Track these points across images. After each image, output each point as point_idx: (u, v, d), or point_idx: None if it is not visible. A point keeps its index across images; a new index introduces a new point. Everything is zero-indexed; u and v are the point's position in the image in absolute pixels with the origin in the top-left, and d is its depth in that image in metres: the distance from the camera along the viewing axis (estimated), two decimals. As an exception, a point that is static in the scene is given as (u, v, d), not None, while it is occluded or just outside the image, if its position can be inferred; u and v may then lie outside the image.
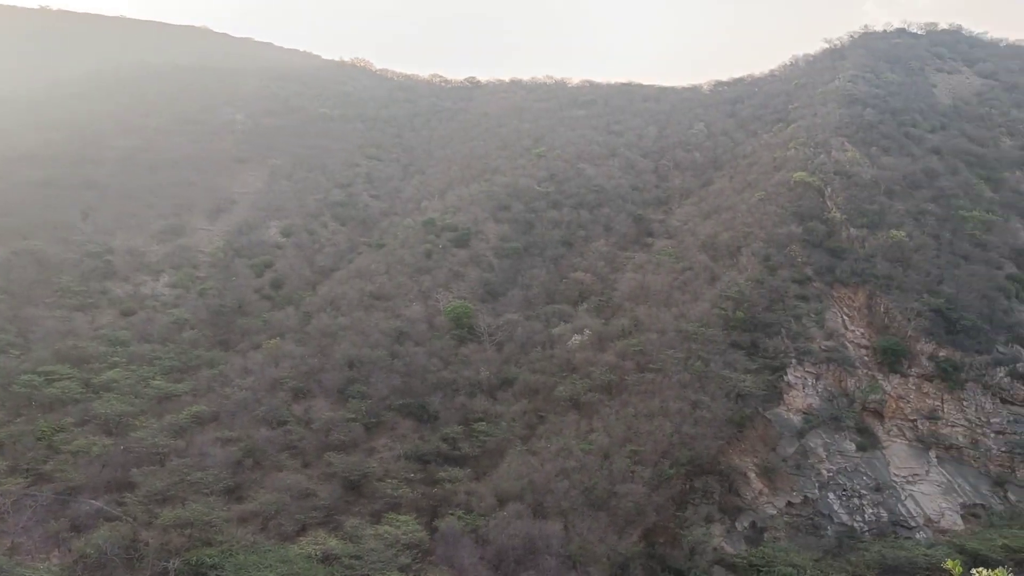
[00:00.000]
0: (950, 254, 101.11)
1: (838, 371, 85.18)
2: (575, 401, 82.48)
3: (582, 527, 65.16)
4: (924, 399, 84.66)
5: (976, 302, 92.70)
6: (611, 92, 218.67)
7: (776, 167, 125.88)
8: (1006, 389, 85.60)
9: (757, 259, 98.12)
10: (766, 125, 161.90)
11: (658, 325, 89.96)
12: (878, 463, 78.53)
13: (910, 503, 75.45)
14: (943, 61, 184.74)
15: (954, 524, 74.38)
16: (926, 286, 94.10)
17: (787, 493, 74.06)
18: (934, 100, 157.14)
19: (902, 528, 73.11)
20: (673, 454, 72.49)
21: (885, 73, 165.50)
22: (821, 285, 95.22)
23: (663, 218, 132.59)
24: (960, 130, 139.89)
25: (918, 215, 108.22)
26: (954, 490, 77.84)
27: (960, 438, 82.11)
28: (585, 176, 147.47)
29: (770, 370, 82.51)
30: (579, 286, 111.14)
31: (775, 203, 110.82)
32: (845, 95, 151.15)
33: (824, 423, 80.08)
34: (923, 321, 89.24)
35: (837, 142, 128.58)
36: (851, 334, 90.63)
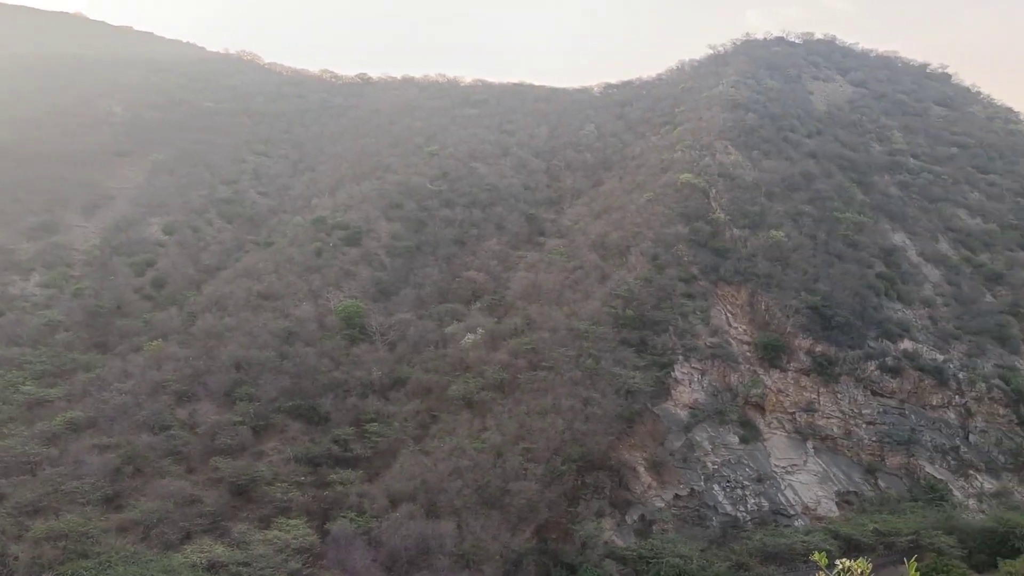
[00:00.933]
0: (825, 253, 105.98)
1: (722, 367, 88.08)
2: (468, 400, 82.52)
3: (475, 526, 65.25)
4: (802, 393, 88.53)
5: (849, 299, 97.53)
6: (503, 92, 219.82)
7: (663, 168, 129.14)
8: (876, 382, 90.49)
9: (646, 258, 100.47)
10: (654, 127, 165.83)
11: (550, 323, 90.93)
12: (760, 455, 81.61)
13: (789, 492, 78.71)
14: (819, 69, 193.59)
15: (830, 511, 78.00)
16: (803, 284, 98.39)
17: (675, 486, 76.09)
18: (811, 106, 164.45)
19: (782, 516, 76.19)
20: (565, 451, 73.40)
21: (765, 80, 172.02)
22: (706, 284, 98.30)
23: (555, 217, 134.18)
24: (834, 136, 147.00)
25: (796, 216, 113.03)
26: (830, 479, 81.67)
27: (835, 429, 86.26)
28: (478, 175, 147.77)
29: (658, 366, 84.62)
30: (472, 285, 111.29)
31: (663, 204, 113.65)
32: (728, 100, 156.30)
33: (709, 417, 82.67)
34: (801, 318, 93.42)
35: (721, 145, 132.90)
36: (734, 331, 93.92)
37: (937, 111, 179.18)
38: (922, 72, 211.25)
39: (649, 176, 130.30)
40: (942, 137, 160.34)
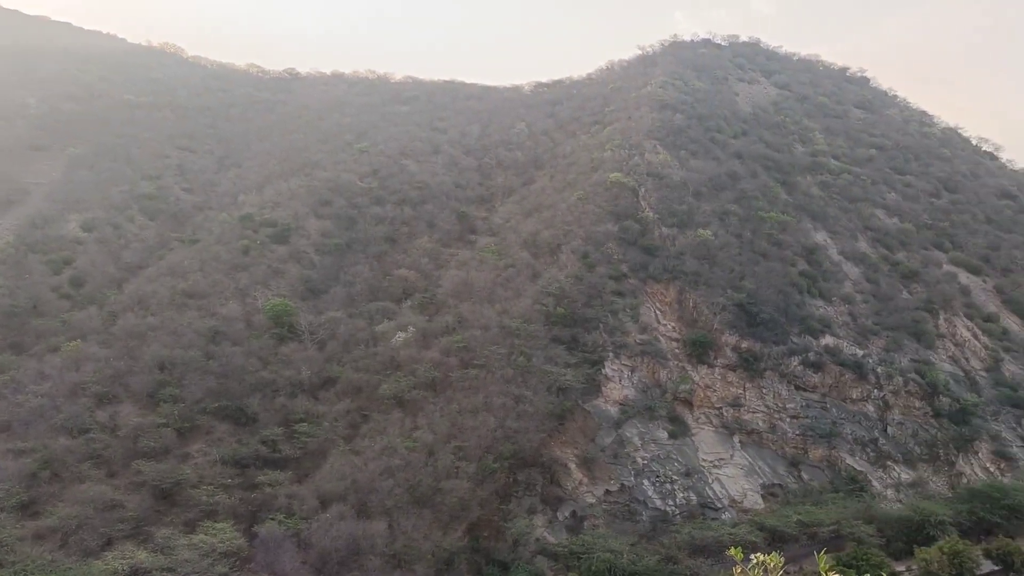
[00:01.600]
0: (751, 252, 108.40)
1: (652, 363, 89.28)
2: (399, 399, 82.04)
3: (407, 525, 64.93)
4: (728, 388, 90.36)
5: (773, 297, 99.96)
6: (434, 89, 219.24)
7: (594, 167, 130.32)
8: (799, 377, 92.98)
9: (576, 256, 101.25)
10: (584, 126, 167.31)
11: (482, 321, 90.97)
12: (688, 449, 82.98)
13: (717, 486, 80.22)
14: (744, 71, 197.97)
15: (755, 503, 79.77)
16: (730, 282, 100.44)
17: (605, 482, 76.82)
18: (736, 108, 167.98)
19: (710, 510, 77.60)
20: (497, 448, 73.54)
21: (693, 81, 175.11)
22: (636, 281, 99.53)
23: (486, 215, 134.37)
24: (759, 136, 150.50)
25: (723, 215, 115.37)
26: (755, 472, 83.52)
27: (760, 423, 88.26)
28: (408, 172, 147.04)
29: (589, 364, 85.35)
30: (403, 283, 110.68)
31: (593, 202, 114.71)
32: (657, 100, 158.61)
33: (639, 413, 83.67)
34: (727, 315, 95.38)
35: (650, 145, 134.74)
36: (663, 328, 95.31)
37: (857, 114, 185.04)
38: (842, 75, 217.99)
39: (580, 175, 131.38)
40: (861, 139, 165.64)
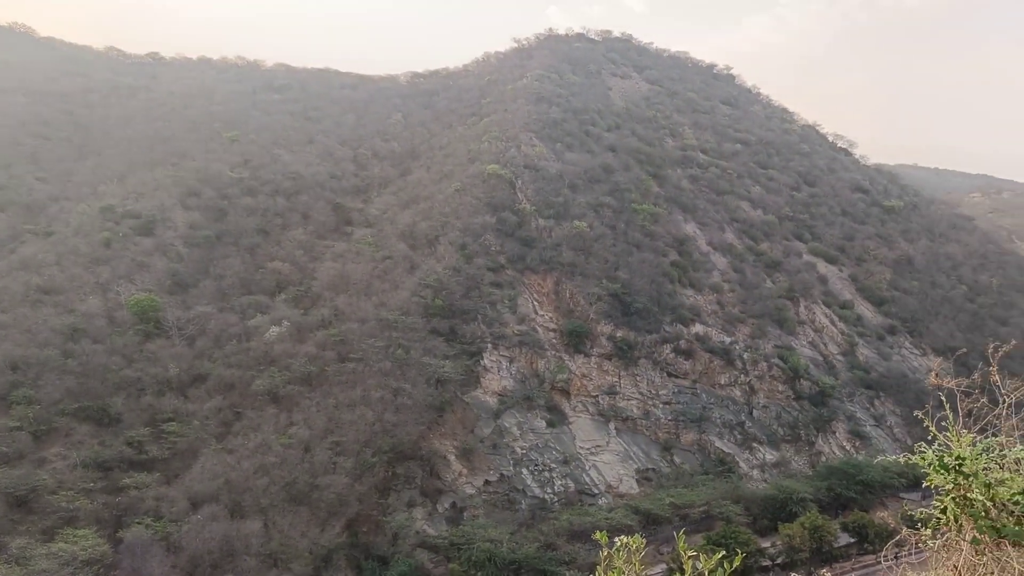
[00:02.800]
0: (624, 243, 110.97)
1: (530, 354, 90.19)
2: (274, 395, 79.85)
3: (283, 523, 63.34)
4: (604, 376, 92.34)
5: (647, 286, 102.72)
6: (308, 77, 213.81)
7: (471, 159, 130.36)
8: (671, 364, 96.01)
9: (454, 248, 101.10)
10: (461, 118, 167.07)
11: (359, 314, 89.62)
12: (566, 437, 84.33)
13: (593, 472, 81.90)
14: (616, 66, 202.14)
15: (631, 488, 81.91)
16: (605, 272, 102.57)
17: (485, 472, 77.18)
18: (610, 102, 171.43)
19: (587, 496, 79.17)
20: (375, 442, 72.65)
21: (568, 74, 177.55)
22: (513, 272, 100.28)
23: (362, 207, 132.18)
24: (632, 130, 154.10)
25: (597, 207, 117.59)
26: (630, 457, 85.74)
27: (635, 410, 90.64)
28: (282, 162, 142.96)
29: (468, 355, 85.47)
30: (277, 276, 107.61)
31: (470, 194, 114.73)
32: (533, 93, 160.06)
33: (518, 403, 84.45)
34: (603, 305, 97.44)
35: (526, 137, 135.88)
36: (541, 318, 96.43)
37: (723, 110, 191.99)
38: (710, 72, 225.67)
39: (457, 166, 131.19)
40: (728, 134, 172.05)
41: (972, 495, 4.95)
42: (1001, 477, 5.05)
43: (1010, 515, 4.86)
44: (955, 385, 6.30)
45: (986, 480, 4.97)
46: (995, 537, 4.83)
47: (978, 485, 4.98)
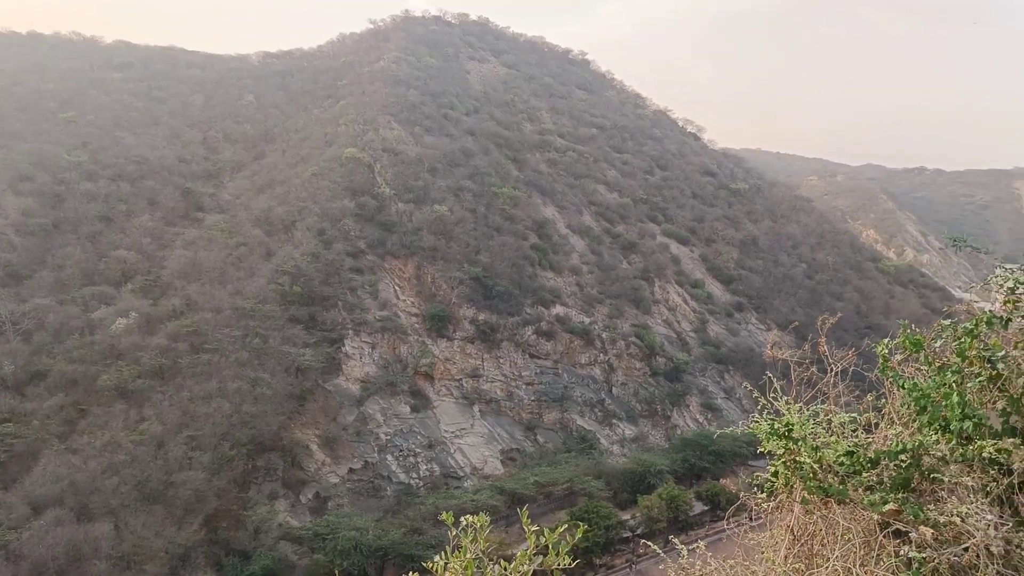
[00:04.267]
0: (485, 227, 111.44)
1: (392, 339, 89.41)
2: (122, 390, 75.73)
3: (136, 524, 60.34)
4: (468, 359, 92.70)
5: (508, 269, 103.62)
6: (151, 55, 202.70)
7: (328, 142, 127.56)
8: (533, 345, 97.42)
9: (312, 233, 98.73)
10: (317, 100, 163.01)
11: (213, 303, 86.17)
12: (430, 422, 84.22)
13: (459, 455, 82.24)
14: (474, 50, 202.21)
15: (496, 469, 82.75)
16: (466, 256, 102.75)
17: (349, 460, 76.13)
18: (468, 85, 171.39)
19: (453, 479, 79.45)
20: (234, 435, 70.25)
21: (425, 57, 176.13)
22: (374, 258, 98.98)
23: (214, 192, 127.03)
24: (490, 114, 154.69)
25: (457, 191, 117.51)
26: (495, 439, 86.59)
27: (498, 392, 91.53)
28: (124, 145, 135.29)
29: (328, 342, 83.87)
30: (122, 265, 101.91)
31: (328, 178, 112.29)
32: (390, 76, 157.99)
33: (381, 389, 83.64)
34: (465, 288, 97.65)
35: (384, 120, 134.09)
36: (403, 303, 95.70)
37: (579, 94, 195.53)
38: (565, 58, 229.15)
39: (313, 150, 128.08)
40: (584, 119, 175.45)
41: (801, 459, 5.26)
42: (827, 441, 5.37)
43: (835, 476, 5.20)
44: (788, 357, 6.62)
45: (813, 444, 5.25)
46: (822, 496, 5.15)
47: (806, 449, 5.30)
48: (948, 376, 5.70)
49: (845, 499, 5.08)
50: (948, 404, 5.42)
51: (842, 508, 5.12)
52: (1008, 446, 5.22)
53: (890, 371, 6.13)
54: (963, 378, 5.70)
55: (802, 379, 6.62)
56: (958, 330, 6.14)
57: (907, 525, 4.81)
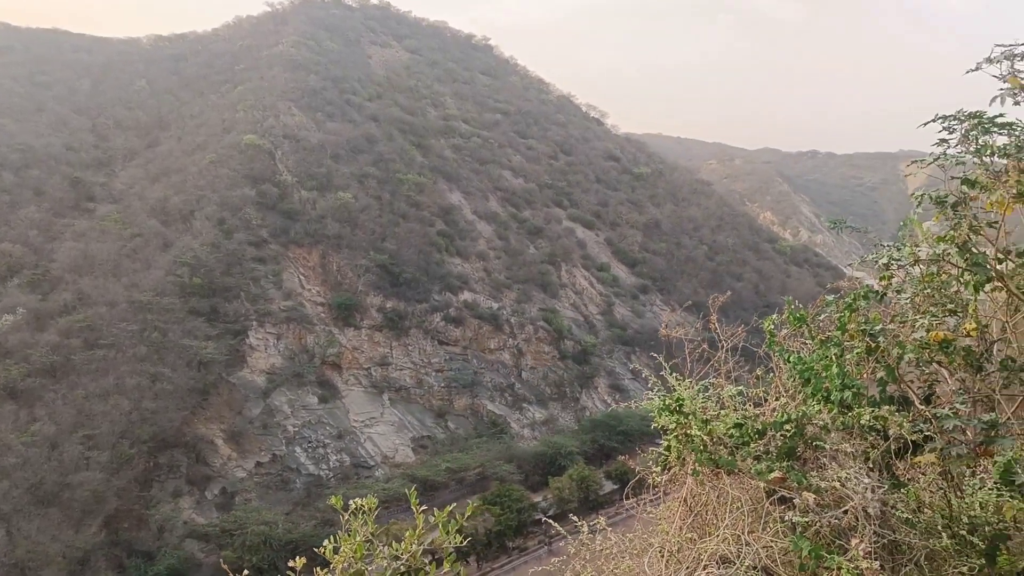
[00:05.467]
0: (391, 213, 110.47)
1: (298, 329, 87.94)
2: (11, 389, 72.22)
3: (30, 528, 57.81)
4: (376, 348, 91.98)
5: (414, 256, 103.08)
6: (33, 38, 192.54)
7: (226, 129, 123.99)
8: (442, 332, 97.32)
9: (212, 223, 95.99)
10: (213, 85, 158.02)
11: (107, 297, 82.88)
12: (339, 412, 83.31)
13: (369, 445, 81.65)
14: (376, 35, 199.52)
15: (407, 457, 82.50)
16: (372, 244, 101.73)
17: (256, 454, 74.70)
18: (370, 70, 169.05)
19: (363, 469, 78.85)
20: (133, 433, 67.99)
21: (326, 41, 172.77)
22: (277, 247, 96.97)
23: (105, 181, 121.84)
24: (393, 100, 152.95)
25: (362, 178, 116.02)
26: (405, 427, 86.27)
27: (408, 380, 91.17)
28: (6, 132, 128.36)
29: (232, 334, 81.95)
30: (7, 259, 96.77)
31: (227, 166, 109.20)
32: (290, 60, 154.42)
33: (288, 381, 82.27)
34: (371, 276, 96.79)
35: (284, 106, 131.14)
36: (308, 292, 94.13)
37: (483, 80, 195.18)
38: (468, 43, 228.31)
39: (211, 136, 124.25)
40: (488, 104, 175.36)
41: (692, 432, 5.41)
42: (717, 414, 5.55)
43: (725, 447, 5.38)
44: (682, 335, 6.84)
45: (703, 418, 5.42)
46: (713, 468, 5.33)
47: (696, 423, 5.47)
48: (829, 349, 5.95)
49: (734, 469, 5.25)
50: (829, 375, 5.66)
51: (732, 478, 5.29)
52: (885, 413, 5.51)
53: (776, 346, 6.37)
54: (843, 351, 5.98)
55: (696, 356, 6.80)
56: (839, 305, 6.42)
57: (792, 492, 5.01)
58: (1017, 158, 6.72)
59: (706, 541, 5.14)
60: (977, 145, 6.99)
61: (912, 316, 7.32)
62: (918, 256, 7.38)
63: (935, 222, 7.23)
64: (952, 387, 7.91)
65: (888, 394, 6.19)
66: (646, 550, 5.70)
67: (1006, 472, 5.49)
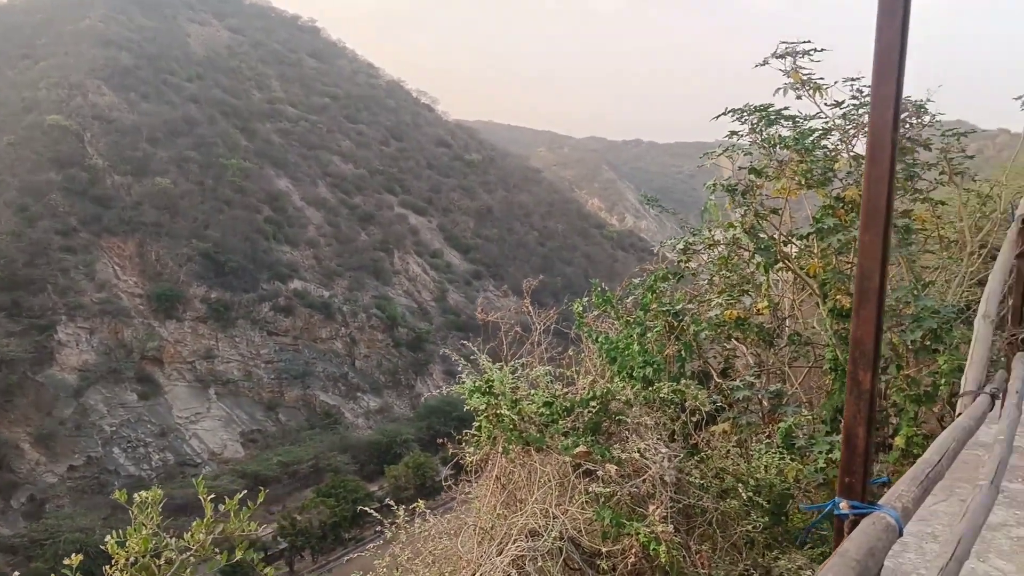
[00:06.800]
0: (214, 200, 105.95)
1: (113, 323, 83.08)
2: None
3: None
4: (200, 340, 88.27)
5: (241, 244, 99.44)
6: None
7: (26, 108, 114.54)
8: (271, 322, 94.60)
9: (12, 210, 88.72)
10: (11, 61, 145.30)
11: None
12: (161, 409, 79.50)
13: (195, 441, 78.44)
14: (195, 12, 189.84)
15: (236, 452, 79.86)
16: (194, 232, 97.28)
17: (68, 457, 70.17)
18: (189, 50, 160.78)
19: (189, 467, 75.59)
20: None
21: (138, 17, 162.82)
22: (88, 236, 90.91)
23: None
24: (215, 81, 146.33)
25: (181, 162, 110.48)
26: (234, 421, 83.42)
27: (236, 373, 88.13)
28: None
29: (38, 330, 76.34)
30: None
31: (29, 148, 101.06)
32: (99, 36, 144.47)
33: (103, 378, 77.74)
34: (194, 266, 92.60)
35: (93, 85, 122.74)
36: (124, 284, 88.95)
37: (310, 63, 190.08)
38: (294, 24, 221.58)
39: (10, 116, 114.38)
40: (316, 88, 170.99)
41: (502, 412, 5.50)
42: (527, 394, 5.74)
43: (534, 426, 5.55)
44: (498, 319, 7.05)
45: (513, 398, 5.57)
46: (523, 446, 5.49)
47: (506, 403, 5.61)
48: (632, 329, 6.25)
49: (543, 446, 5.41)
50: (630, 353, 5.94)
51: (541, 455, 5.46)
52: (682, 387, 5.85)
53: (585, 327, 6.63)
54: (645, 330, 6.31)
55: (512, 340, 6.96)
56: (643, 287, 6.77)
57: (596, 464, 5.23)
58: (798, 149, 7.27)
59: (516, 516, 5.28)
60: (763, 136, 7.51)
61: (710, 296, 7.85)
62: (714, 240, 7.89)
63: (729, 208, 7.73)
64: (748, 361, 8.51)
65: (685, 369, 6.63)
66: (462, 529, 5.80)
67: (787, 437, 5.99)
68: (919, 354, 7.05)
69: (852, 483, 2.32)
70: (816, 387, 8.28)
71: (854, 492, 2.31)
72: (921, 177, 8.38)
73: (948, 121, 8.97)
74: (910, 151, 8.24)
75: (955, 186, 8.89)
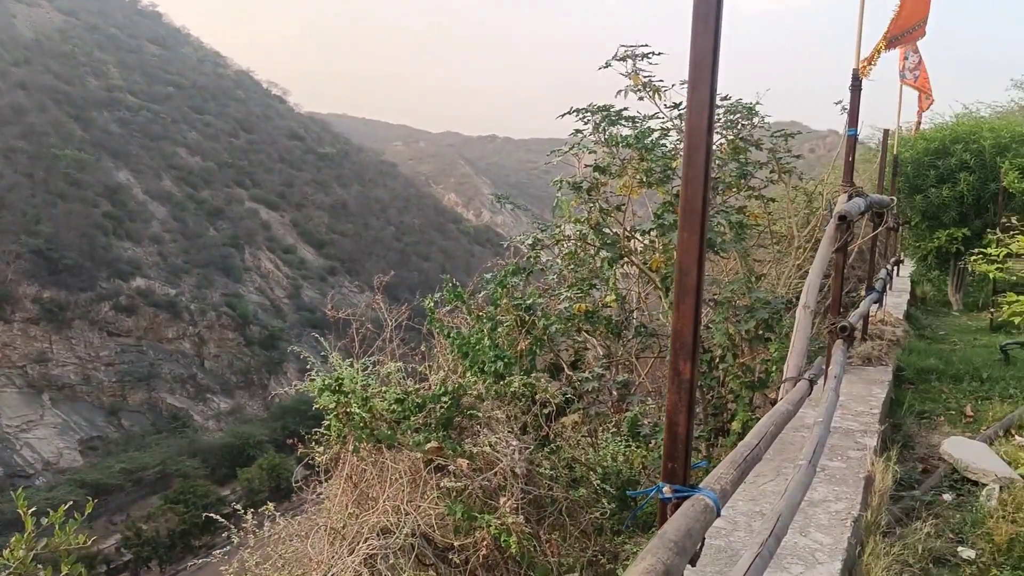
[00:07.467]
0: (46, 193, 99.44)
1: (-69, 326, 76.83)
2: None
3: None
4: (32, 343, 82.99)
5: (77, 241, 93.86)
6: None
7: None
8: (112, 322, 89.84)
9: None
10: None
11: None
12: (-12, 417, 74.26)
13: (27, 451, 73.69)
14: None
15: (74, 461, 75.47)
16: (24, 227, 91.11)
17: None
18: (16, 32, 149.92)
19: (20, 478, 70.62)
20: None
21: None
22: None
23: None
24: (46, 66, 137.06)
25: (8, 153, 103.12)
26: (71, 428, 78.84)
27: (72, 376, 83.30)
28: None
29: None
30: None
31: None
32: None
33: (-80, 386, 71.75)
34: (24, 263, 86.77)
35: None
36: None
37: (152, 49, 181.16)
38: (134, 8, 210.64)
39: None
40: (158, 76, 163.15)
41: (352, 410, 5.47)
42: (378, 391, 5.77)
43: (385, 423, 5.56)
44: (348, 315, 7.06)
45: (363, 395, 5.55)
46: (374, 444, 5.49)
47: (356, 400, 5.57)
48: (483, 323, 6.36)
49: (394, 443, 5.42)
50: (481, 348, 6.04)
51: (392, 452, 5.46)
52: (532, 380, 6.01)
53: (437, 323, 6.69)
54: (496, 324, 6.44)
55: (363, 337, 6.95)
56: (494, 282, 6.89)
57: (448, 460, 5.29)
58: (639, 148, 7.60)
59: (367, 515, 5.27)
60: (605, 136, 7.81)
61: (560, 290, 8.10)
62: (564, 235, 8.13)
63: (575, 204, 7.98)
64: (598, 353, 8.81)
65: (544, 363, 6.82)
66: (312, 530, 5.75)
67: (633, 425, 6.27)
68: (753, 343, 7.51)
69: (675, 468, 2.46)
70: (662, 376, 8.68)
71: (676, 476, 2.46)
72: (753, 175, 8.91)
73: (783, 122, 9.59)
74: (743, 151, 8.75)
75: (784, 184, 9.50)
